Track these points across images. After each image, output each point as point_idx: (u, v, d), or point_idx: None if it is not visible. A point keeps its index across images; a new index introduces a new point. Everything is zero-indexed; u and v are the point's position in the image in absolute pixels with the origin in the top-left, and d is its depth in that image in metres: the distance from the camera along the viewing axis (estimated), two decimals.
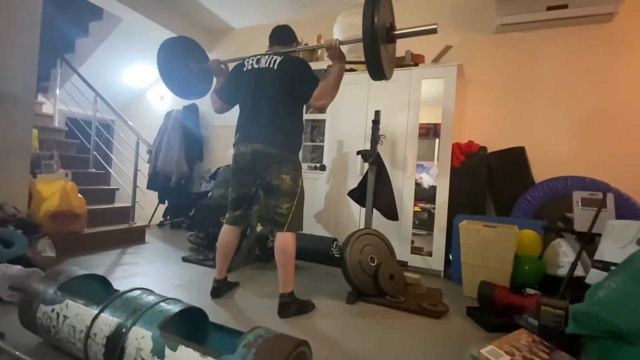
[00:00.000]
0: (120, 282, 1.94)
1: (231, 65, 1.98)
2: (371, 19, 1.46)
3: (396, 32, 1.69)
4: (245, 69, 1.81)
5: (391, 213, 2.34)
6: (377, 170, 2.29)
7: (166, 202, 4.04)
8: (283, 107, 1.70)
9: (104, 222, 2.82)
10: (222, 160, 3.99)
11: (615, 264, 1.42)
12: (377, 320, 1.68)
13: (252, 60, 1.79)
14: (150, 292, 1.16)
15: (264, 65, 1.74)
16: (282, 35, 1.88)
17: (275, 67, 1.71)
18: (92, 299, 1.11)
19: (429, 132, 3.26)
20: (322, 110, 1.62)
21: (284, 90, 1.69)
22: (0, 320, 1.37)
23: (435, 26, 1.56)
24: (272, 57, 1.75)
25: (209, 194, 3.48)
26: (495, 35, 2.87)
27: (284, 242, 1.67)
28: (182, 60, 2.12)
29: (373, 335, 1.52)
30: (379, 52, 1.53)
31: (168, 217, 4.01)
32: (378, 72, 1.59)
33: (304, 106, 1.86)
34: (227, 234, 1.84)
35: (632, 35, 2.49)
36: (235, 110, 1.89)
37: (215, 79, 2.07)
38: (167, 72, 2.07)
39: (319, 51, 3.47)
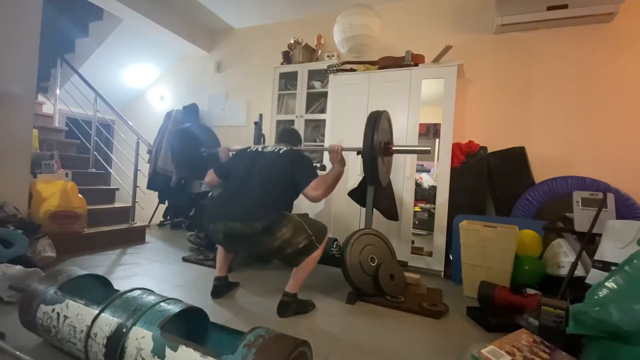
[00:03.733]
0: (121, 282, 1.94)
1: None
2: (371, 136, 1.82)
3: (392, 148, 2.03)
4: (249, 150, 1.84)
5: (391, 213, 2.34)
6: None
7: (166, 202, 4.04)
8: (276, 187, 1.65)
9: (104, 222, 2.82)
10: None
11: (615, 264, 1.42)
12: (377, 320, 1.68)
13: (259, 146, 1.85)
14: (151, 292, 1.16)
15: (268, 150, 1.78)
16: (289, 137, 2.01)
17: (280, 153, 1.75)
18: (93, 299, 1.11)
19: (429, 132, 3.26)
20: (314, 201, 1.66)
21: (282, 172, 1.67)
22: (0, 320, 1.37)
23: (429, 148, 1.91)
24: (279, 146, 1.81)
25: (209, 194, 3.48)
26: (495, 35, 2.87)
27: (316, 252, 1.68)
28: (195, 144, 2.28)
29: (373, 335, 1.52)
30: (377, 164, 1.84)
31: (168, 217, 4.01)
32: (375, 180, 1.91)
33: (297, 197, 1.79)
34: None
35: (632, 35, 2.49)
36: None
37: None
38: (180, 155, 2.25)
39: (319, 51, 3.47)
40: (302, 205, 2.70)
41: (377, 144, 1.80)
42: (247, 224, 1.55)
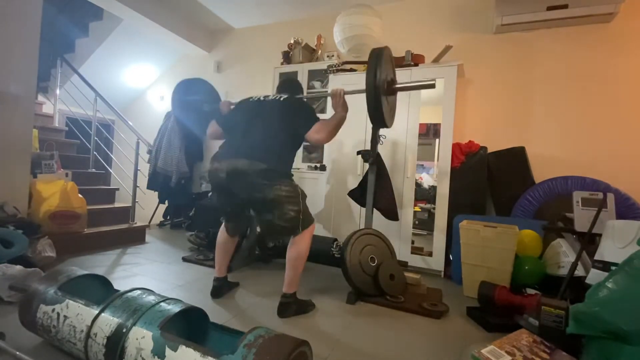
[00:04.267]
0: (121, 282, 1.94)
1: None
2: (374, 73, 1.67)
3: (396, 86, 1.89)
4: (250, 100, 1.84)
5: (391, 213, 2.34)
6: (377, 170, 2.29)
7: (166, 202, 4.03)
8: (279, 133, 1.66)
9: (104, 222, 2.82)
10: None
11: (615, 264, 1.42)
12: (377, 320, 1.68)
13: (261, 95, 1.84)
14: (151, 292, 1.16)
15: (270, 99, 1.78)
16: (290, 86, 1.99)
17: (281, 100, 1.75)
18: (93, 299, 1.11)
19: (429, 132, 3.26)
20: (317, 144, 1.66)
21: (284, 119, 1.68)
22: (0, 320, 1.37)
23: (433, 82, 1.77)
24: (280, 95, 1.80)
25: (209, 194, 3.48)
26: (495, 35, 2.87)
27: (300, 243, 1.66)
28: (196, 100, 2.23)
29: (373, 335, 1.52)
30: (380, 103, 1.71)
31: (168, 217, 4.01)
32: (379, 120, 1.78)
33: (301, 144, 1.82)
34: (225, 232, 1.85)
35: (632, 35, 2.49)
36: None
37: None
38: (182, 111, 2.18)
39: (319, 51, 3.47)
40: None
41: (381, 82, 1.69)
42: (250, 161, 1.55)
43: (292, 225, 1.63)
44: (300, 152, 3.35)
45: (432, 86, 1.77)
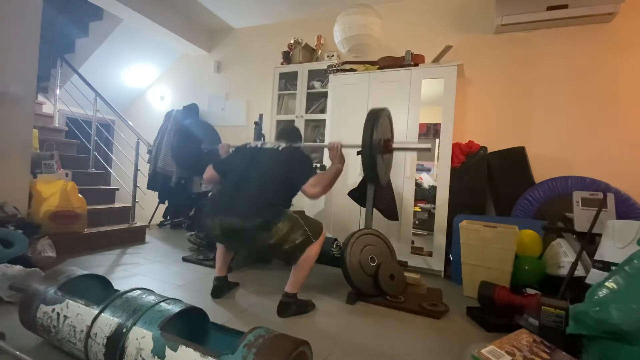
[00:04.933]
0: (121, 282, 1.94)
1: None
2: (370, 134, 1.80)
3: (392, 147, 2.01)
4: (249, 146, 1.85)
5: (391, 213, 2.34)
6: None
7: (166, 202, 4.04)
8: (275, 184, 1.65)
9: (104, 222, 2.82)
10: None
11: (615, 264, 1.42)
12: (377, 320, 1.68)
13: (259, 142, 1.85)
14: (151, 292, 1.16)
15: (268, 147, 1.78)
16: (289, 134, 2.01)
17: (280, 150, 1.75)
18: (93, 299, 1.11)
19: (429, 132, 3.26)
20: (312, 198, 1.67)
21: (281, 169, 1.68)
22: (0, 320, 1.37)
23: (429, 146, 1.93)
24: (278, 144, 1.81)
25: (209, 194, 3.48)
26: (495, 35, 2.87)
27: (312, 249, 1.66)
28: (195, 141, 2.26)
29: (373, 335, 1.52)
30: (375, 162, 1.83)
31: (168, 217, 4.01)
32: (373, 178, 1.89)
33: (295, 194, 1.78)
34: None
35: (632, 35, 2.49)
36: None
37: None
38: (181, 152, 2.22)
39: (319, 51, 3.47)
40: (301, 202, 2.70)
41: (376, 142, 1.78)
42: (244, 219, 1.55)
43: (305, 245, 1.64)
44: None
45: (428, 149, 1.92)
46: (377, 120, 1.80)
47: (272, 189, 1.64)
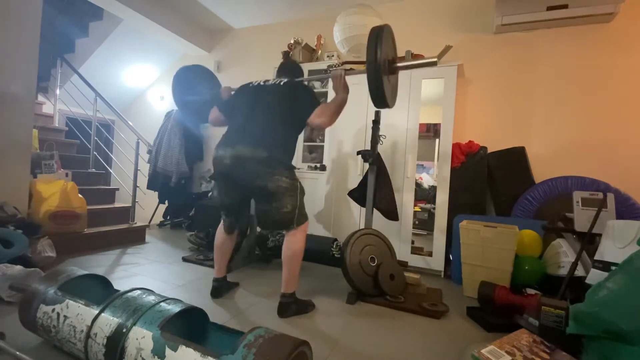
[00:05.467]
0: (121, 282, 1.94)
1: None
2: (374, 52, 1.60)
3: (398, 65, 1.83)
4: (251, 85, 1.83)
5: (391, 213, 2.34)
6: (377, 170, 2.29)
7: (166, 202, 4.04)
8: (281, 120, 1.66)
9: (104, 222, 2.82)
10: None
11: (615, 264, 1.42)
12: (377, 320, 1.68)
13: (261, 80, 1.83)
14: (151, 292, 1.16)
15: (270, 83, 1.77)
16: (291, 70, 1.97)
17: (282, 84, 1.74)
18: (93, 299, 1.11)
19: (429, 132, 3.26)
20: (320, 129, 1.64)
21: (285, 104, 1.68)
22: (0, 320, 1.37)
23: (435, 59, 1.71)
24: (280, 79, 1.79)
25: (209, 194, 3.48)
26: (495, 35, 2.87)
27: (294, 241, 1.65)
28: (196, 87, 2.21)
29: (373, 335, 1.52)
30: (382, 82, 1.65)
31: (168, 217, 4.01)
32: (381, 100, 1.71)
33: (303, 129, 1.81)
34: (223, 232, 1.85)
35: (632, 35, 2.49)
36: None
37: None
38: (181, 95, 2.15)
39: (319, 51, 3.47)
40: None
41: (382, 61, 1.64)
42: (254, 149, 1.56)
43: (287, 219, 1.63)
44: (300, 152, 3.35)
45: (434, 64, 1.73)
46: (380, 36, 1.64)
47: (278, 123, 1.65)
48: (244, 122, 1.68)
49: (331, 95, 2.97)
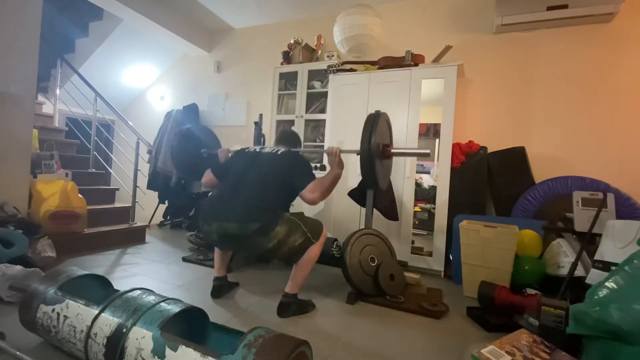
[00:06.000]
0: (121, 282, 1.94)
1: None
2: (369, 138, 1.77)
3: (392, 151, 1.99)
4: (247, 150, 1.84)
5: (391, 213, 2.34)
6: None
7: (166, 202, 4.04)
8: (273, 188, 1.64)
9: (104, 222, 2.82)
10: None
11: (615, 264, 1.42)
12: (377, 320, 1.68)
13: (257, 147, 1.85)
14: (151, 292, 1.16)
15: (266, 151, 1.78)
16: (289, 139, 2.00)
17: (278, 154, 1.75)
18: (93, 299, 1.11)
19: (429, 132, 3.26)
20: (311, 204, 1.65)
21: (280, 174, 1.67)
22: (0, 320, 1.37)
23: (428, 151, 1.89)
24: (277, 148, 1.81)
25: (209, 194, 3.47)
26: (495, 35, 2.87)
27: (313, 249, 1.65)
28: (195, 145, 2.27)
29: (373, 335, 1.52)
30: (374, 166, 1.80)
31: (168, 217, 4.01)
32: (372, 183, 1.86)
33: (294, 199, 1.77)
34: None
35: (632, 35, 2.49)
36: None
37: None
38: (180, 156, 2.27)
39: (319, 51, 3.47)
40: (301, 204, 2.70)
41: (375, 147, 1.77)
42: (241, 225, 1.53)
43: (306, 246, 1.63)
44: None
45: (427, 155, 1.88)
46: (375, 124, 1.79)
47: (271, 194, 1.62)
48: (234, 189, 1.65)
49: (331, 95, 2.97)
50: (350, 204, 2.75)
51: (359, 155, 2.25)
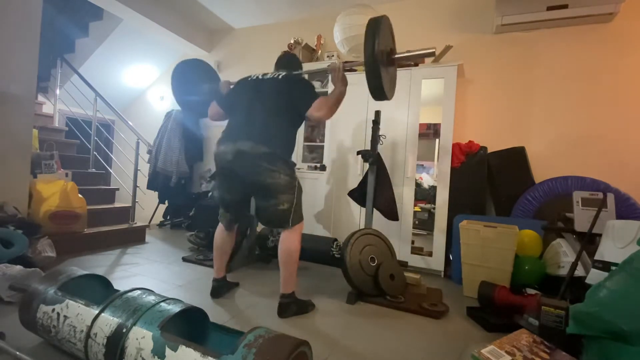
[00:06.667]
0: (121, 282, 1.94)
1: None
2: (372, 44, 1.58)
3: (396, 56, 1.83)
4: (249, 78, 1.83)
5: (391, 213, 2.34)
6: (377, 170, 2.29)
7: (166, 202, 4.04)
8: (280, 114, 1.66)
9: (104, 222, 2.82)
10: None
11: (615, 264, 1.42)
12: (378, 320, 1.68)
13: (259, 74, 1.83)
14: (151, 292, 1.16)
15: (268, 77, 1.77)
16: (289, 63, 1.97)
17: (280, 78, 1.74)
18: (93, 299, 1.11)
19: (429, 132, 3.26)
20: (319, 122, 1.63)
21: (284, 98, 1.68)
22: (0, 320, 1.37)
23: (433, 50, 1.70)
24: (278, 72, 1.79)
25: (209, 194, 3.48)
26: (495, 35, 2.87)
27: (289, 241, 1.65)
28: (195, 81, 2.19)
29: (373, 335, 1.52)
30: (380, 74, 1.63)
31: (168, 217, 4.01)
32: (379, 93, 1.69)
33: (302, 122, 1.81)
34: (222, 231, 1.85)
35: (632, 35, 2.49)
36: None
37: None
38: (181, 92, 2.13)
39: (319, 51, 3.47)
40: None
41: (379, 52, 1.62)
42: (253, 144, 1.56)
43: (283, 217, 1.63)
44: (300, 152, 3.35)
45: (433, 54, 1.73)
46: (378, 28, 1.63)
47: (278, 118, 1.65)
48: (244, 117, 1.68)
49: None
50: (350, 204, 2.76)
51: (359, 154, 2.21)
